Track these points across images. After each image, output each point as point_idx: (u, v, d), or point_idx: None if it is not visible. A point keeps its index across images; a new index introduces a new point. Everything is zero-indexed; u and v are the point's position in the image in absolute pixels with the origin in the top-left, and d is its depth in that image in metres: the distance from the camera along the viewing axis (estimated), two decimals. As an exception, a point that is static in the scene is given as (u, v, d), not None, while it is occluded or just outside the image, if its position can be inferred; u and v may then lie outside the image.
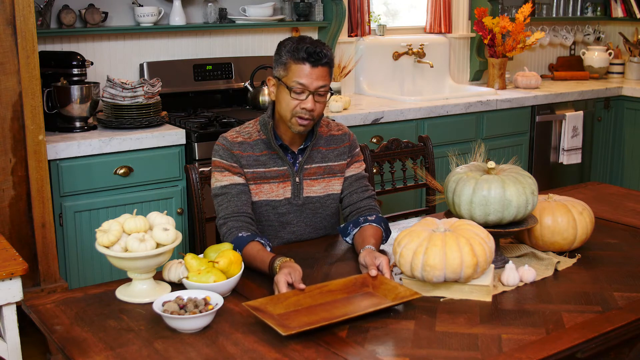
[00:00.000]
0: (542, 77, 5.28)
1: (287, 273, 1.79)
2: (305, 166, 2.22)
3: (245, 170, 2.17)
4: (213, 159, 2.20)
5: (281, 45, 2.13)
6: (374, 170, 2.83)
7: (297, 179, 2.21)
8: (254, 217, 2.15)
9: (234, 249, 1.99)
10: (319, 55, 2.06)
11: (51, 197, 2.85)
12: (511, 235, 2.07)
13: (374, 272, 1.85)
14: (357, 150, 2.33)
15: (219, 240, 3.12)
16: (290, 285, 1.78)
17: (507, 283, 1.87)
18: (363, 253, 1.98)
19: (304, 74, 2.06)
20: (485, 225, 1.93)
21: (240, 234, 2.03)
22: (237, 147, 2.17)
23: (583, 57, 5.40)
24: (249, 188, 2.17)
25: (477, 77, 4.98)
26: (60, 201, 3.00)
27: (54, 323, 1.66)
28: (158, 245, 1.77)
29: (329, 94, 2.13)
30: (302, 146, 2.22)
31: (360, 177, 2.30)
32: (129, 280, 1.84)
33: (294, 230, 2.26)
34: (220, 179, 2.15)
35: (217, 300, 1.67)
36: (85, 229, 3.06)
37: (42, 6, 3.33)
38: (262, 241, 2.02)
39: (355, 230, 2.17)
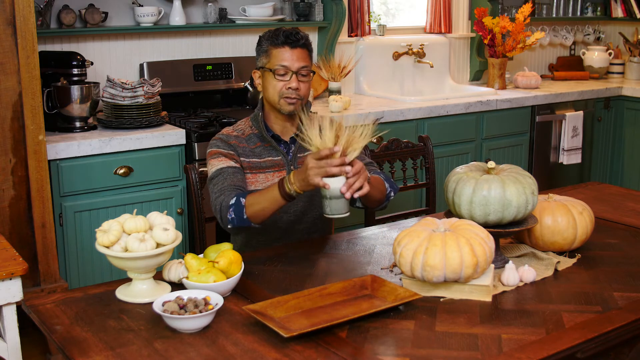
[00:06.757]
0: (542, 77, 5.28)
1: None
2: (298, 154, 2.31)
3: (242, 159, 2.25)
4: (209, 150, 2.28)
5: (261, 37, 2.27)
6: (374, 170, 2.83)
7: (292, 168, 2.28)
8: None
9: (237, 198, 2.06)
10: (296, 37, 2.21)
11: (51, 197, 2.85)
12: (511, 235, 2.07)
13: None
14: None
15: (219, 240, 3.13)
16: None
17: (507, 283, 1.87)
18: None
19: (285, 56, 2.20)
20: (485, 225, 1.93)
21: (240, 193, 2.11)
22: (233, 139, 2.27)
23: (583, 57, 5.40)
24: (243, 173, 2.24)
25: (477, 77, 4.97)
26: (60, 201, 3.00)
27: (54, 323, 1.66)
28: (158, 245, 1.77)
29: (311, 75, 2.26)
30: (293, 135, 2.29)
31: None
32: (129, 280, 1.84)
33: (290, 219, 2.30)
34: (217, 164, 2.22)
35: (217, 300, 1.67)
36: (85, 229, 3.06)
37: (42, 6, 3.33)
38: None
39: None
